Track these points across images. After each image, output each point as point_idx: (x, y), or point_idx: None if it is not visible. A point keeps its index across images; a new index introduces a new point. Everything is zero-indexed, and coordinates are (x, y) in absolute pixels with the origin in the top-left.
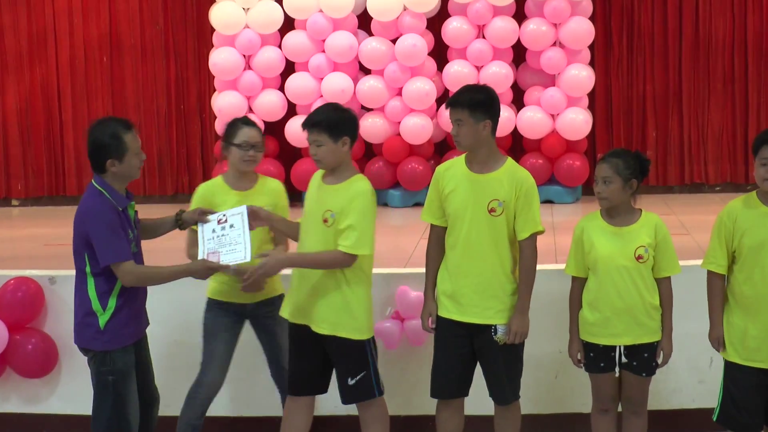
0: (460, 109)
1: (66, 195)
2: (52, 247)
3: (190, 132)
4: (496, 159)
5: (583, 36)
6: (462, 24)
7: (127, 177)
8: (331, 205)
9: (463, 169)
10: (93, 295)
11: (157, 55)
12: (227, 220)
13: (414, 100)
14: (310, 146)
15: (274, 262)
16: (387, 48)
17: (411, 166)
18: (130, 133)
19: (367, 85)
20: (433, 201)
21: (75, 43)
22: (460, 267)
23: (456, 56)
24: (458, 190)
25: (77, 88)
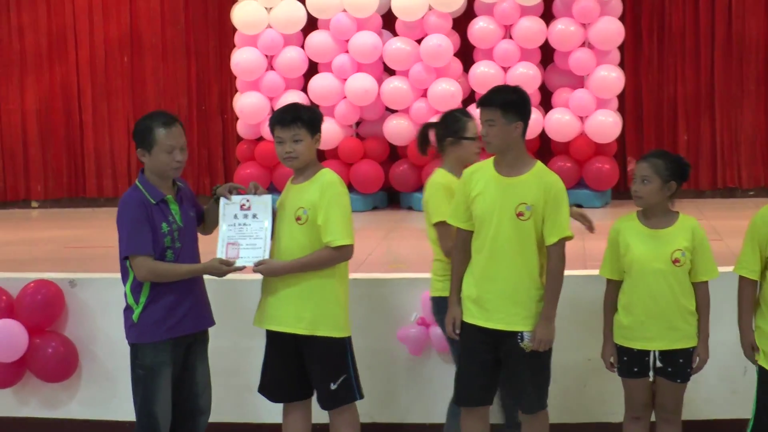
0: (493, 109)
1: (86, 196)
2: (73, 249)
3: (211, 133)
4: (525, 162)
5: (612, 36)
6: (488, 24)
7: (159, 172)
8: (303, 202)
9: (491, 172)
10: (128, 288)
11: (178, 55)
12: (251, 208)
13: (439, 102)
14: (282, 144)
15: (269, 270)
16: (412, 48)
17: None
18: (165, 129)
19: (392, 86)
20: (460, 204)
21: (95, 42)
22: (486, 272)
23: (482, 57)
24: (486, 193)
25: (97, 88)
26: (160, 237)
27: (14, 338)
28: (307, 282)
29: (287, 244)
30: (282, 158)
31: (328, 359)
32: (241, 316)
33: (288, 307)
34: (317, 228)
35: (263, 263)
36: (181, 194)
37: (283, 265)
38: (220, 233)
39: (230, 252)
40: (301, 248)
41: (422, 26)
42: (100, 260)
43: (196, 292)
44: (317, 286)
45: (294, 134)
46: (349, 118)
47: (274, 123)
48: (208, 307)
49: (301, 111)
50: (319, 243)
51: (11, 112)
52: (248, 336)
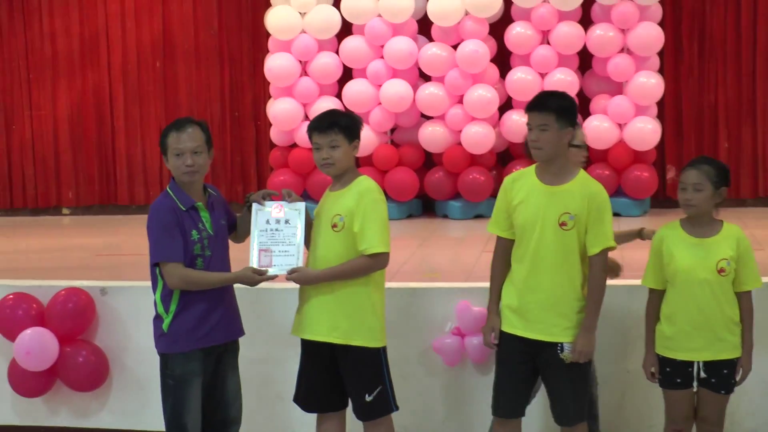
0: (547, 114)
1: (117, 204)
2: (104, 257)
3: (244, 139)
4: (569, 170)
5: (652, 42)
6: (526, 29)
7: (177, 178)
8: (339, 209)
9: (534, 180)
10: (158, 297)
11: (211, 61)
12: (283, 214)
13: (476, 108)
14: (319, 150)
15: (303, 278)
16: (448, 54)
17: (472, 176)
18: (175, 133)
19: (427, 93)
20: (501, 212)
21: (127, 47)
22: (528, 282)
23: (519, 63)
24: (528, 202)
25: (129, 93)
26: (190, 244)
27: (45, 347)
28: (342, 290)
29: (323, 252)
30: (319, 165)
31: (363, 370)
32: (272, 325)
33: (323, 316)
34: (353, 235)
35: (296, 271)
36: (212, 201)
37: (317, 274)
38: (252, 239)
39: (263, 259)
40: (338, 256)
41: (458, 31)
42: (131, 268)
43: (226, 301)
44: (353, 294)
45: (331, 140)
46: (383, 125)
47: (312, 129)
48: (238, 316)
49: (338, 117)
50: (355, 251)
51: (43, 118)
52: (280, 345)
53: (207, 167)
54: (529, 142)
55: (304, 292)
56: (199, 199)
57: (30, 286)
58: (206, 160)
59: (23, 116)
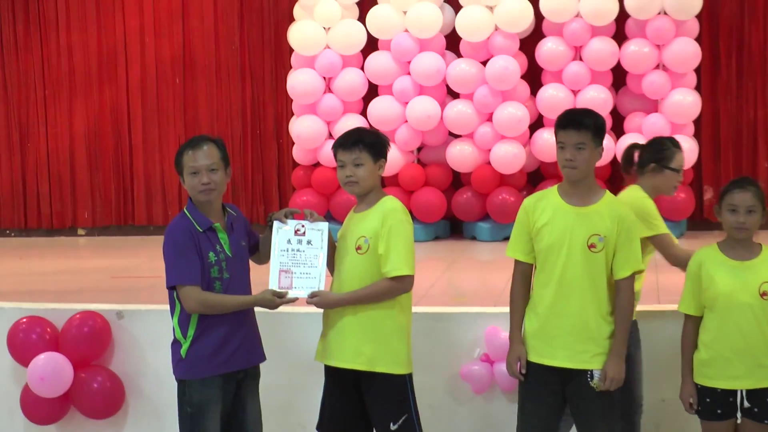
0: (585, 132)
1: (135, 224)
2: (120, 279)
3: (266, 158)
4: (596, 191)
5: (688, 58)
6: (557, 45)
7: (193, 197)
8: (364, 230)
9: (558, 201)
10: (176, 322)
11: (232, 77)
12: (305, 234)
13: (505, 127)
14: (343, 167)
15: (324, 302)
16: (477, 70)
17: (501, 197)
18: (191, 152)
19: (456, 110)
20: (521, 235)
21: (146, 63)
22: (554, 307)
23: (551, 79)
24: (554, 224)
25: (148, 110)
26: (207, 267)
27: (59, 372)
28: (366, 315)
29: (348, 275)
30: (342, 183)
31: (388, 397)
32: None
33: (347, 342)
34: (378, 258)
35: (318, 295)
36: (231, 222)
37: (339, 298)
38: (272, 259)
39: (283, 281)
40: (362, 279)
41: (488, 47)
42: (148, 291)
43: (247, 326)
44: (377, 319)
45: (355, 158)
46: (410, 144)
47: (337, 146)
48: (259, 341)
49: (364, 134)
50: (379, 274)
51: (59, 135)
52: (302, 371)
53: (224, 186)
54: (562, 161)
55: (327, 316)
56: (218, 219)
57: (44, 310)
58: (223, 178)
59: (38, 133)
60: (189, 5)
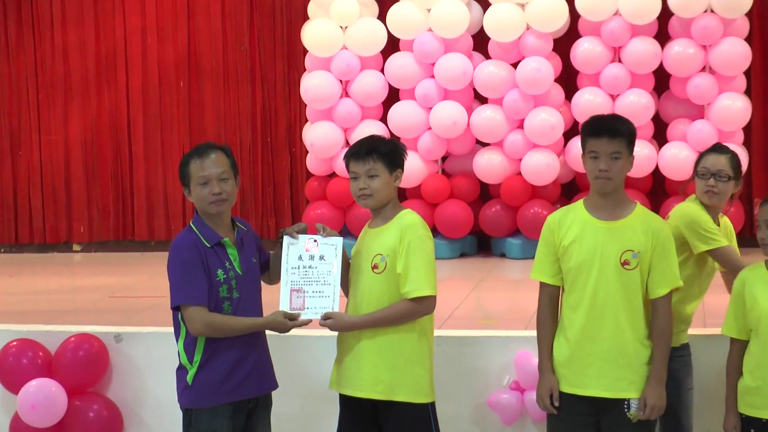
0: (620, 140)
1: (134, 239)
2: (119, 299)
3: (277, 168)
4: (626, 203)
5: (737, 60)
6: (594, 46)
7: (201, 210)
8: (380, 248)
9: (585, 216)
10: (181, 345)
11: (241, 81)
12: (318, 249)
13: (537, 134)
14: (357, 179)
15: (339, 325)
16: (507, 73)
17: (534, 210)
18: (198, 160)
19: (483, 116)
20: (546, 255)
21: (148, 66)
22: (585, 331)
23: (587, 83)
24: (583, 241)
25: (150, 117)
26: (215, 286)
27: (52, 400)
28: (384, 339)
29: (364, 296)
30: (356, 196)
31: (409, 428)
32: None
33: (363, 368)
34: (397, 277)
35: (332, 317)
36: (241, 237)
37: (354, 321)
38: (283, 278)
39: (295, 301)
40: (379, 301)
41: (519, 48)
42: (149, 312)
43: (259, 350)
44: (396, 343)
45: (369, 168)
46: (434, 153)
47: (349, 156)
48: (271, 367)
49: (378, 143)
50: (398, 294)
51: (53, 143)
52: (315, 400)
53: (235, 196)
54: (594, 172)
55: (342, 340)
56: (227, 234)
57: (36, 332)
58: (234, 188)
59: (31, 141)
60: (195, 3)
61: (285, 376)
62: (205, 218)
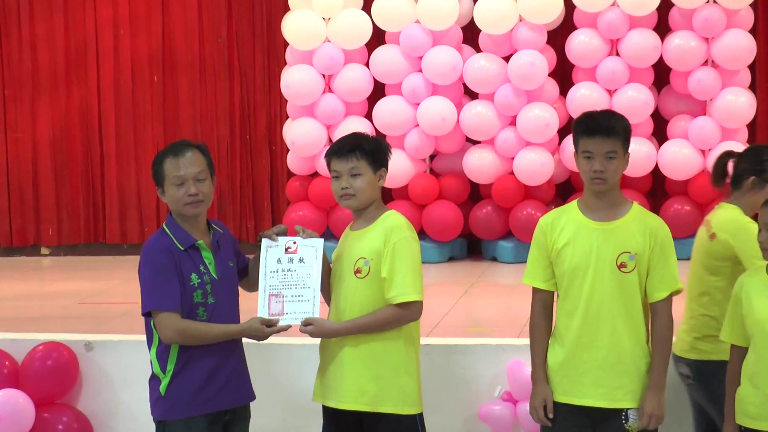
0: (615, 139)
1: (106, 242)
2: (89, 306)
3: (257, 167)
4: (622, 203)
5: (741, 53)
6: (591, 38)
7: (177, 212)
8: (363, 251)
9: (579, 217)
10: (154, 354)
11: (218, 75)
12: (297, 251)
13: (531, 132)
14: (338, 179)
15: (320, 331)
16: (498, 67)
17: (527, 212)
18: (173, 159)
19: (474, 113)
20: (538, 259)
21: (120, 59)
22: (581, 338)
23: (583, 77)
24: (577, 243)
25: (122, 113)
26: (189, 290)
27: (19, 412)
28: (369, 347)
29: (347, 302)
30: (338, 196)
31: None
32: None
33: (347, 378)
34: (381, 282)
35: (312, 323)
36: (217, 240)
37: (337, 327)
38: (261, 282)
39: (273, 306)
40: (363, 307)
41: (511, 41)
42: (121, 319)
43: (236, 359)
44: (381, 351)
45: (352, 167)
46: (422, 151)
47: (331, 154)
48: (248, 377)
49: (361, 140)
50: (382, 300)
51: (20, 142)
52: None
53: (212, 197)
54: (588, 173)
55: (325, 349)
56: (202, 236)
57: (2, 340)
58: (211, 189)
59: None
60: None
61: (265, 387)
62: (180, 220)
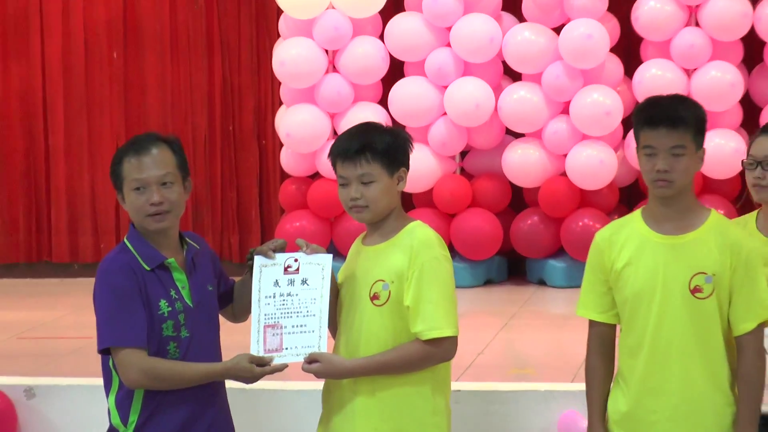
0: (684, 131)
1: (52, 261)
2: (30, 340)
3: (243, 166)
4: (697, 212)
5: None
6: (664, 4)
7: (139, 225)
8: (382, 272)
9: (643, 229)
10: (112, 402)
11: (194, 50)
12: (299, 270)
13: (588, 122)
14: (347, 186)
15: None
16: (546, 41)
17: (582, 223)
18: (134, 158)
19: (516, 98)
20: (594, 285)
21: (71, 30)
22: (647, 381)
23: (654, 54)
24: (640, 262)
25: (73, 99)
26: (158, 321)
27: None
28: (388, 393)
29: (361, 335)
30: (347, 207)
31: None
32: None
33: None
34: (403, 310)
35: (319, 359)
36: (192, 257)
37: (351, 366)
38: (253, 311)
39: (270, 340)
40: (380, 341)
41: (563, 7)
42: (72, 357)
43: (215, 409)
44: (403, 399)
45: (363, 173)
46: (450, 146)
47: (335, 155)
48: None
49: (373, 135)
50: (406, 333)
51: None
52: None
53: (183, 206)
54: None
55: (331, 394)
56: (173, 254)
57: None
58: (181, 195)
59: None
60: None
61: None
62: (144, 234)
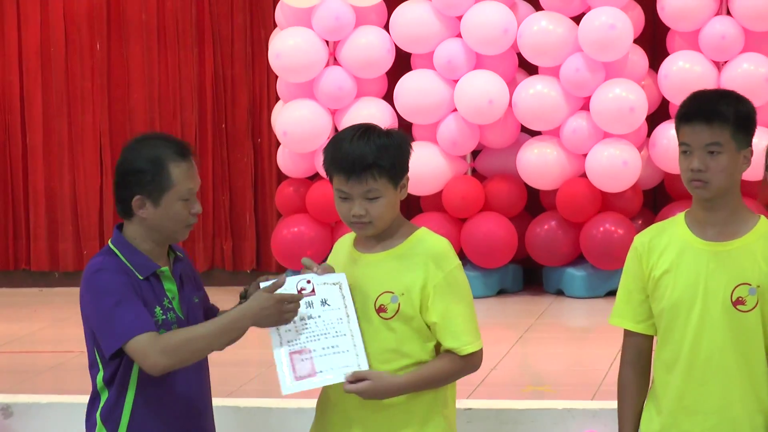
0: (722, 126)
1: (30, 269)
2: (7, 356)
3: (236, 167)
4: (744, 217)
5: None
6: None
7: (163, 233)
8: (390, 283)
9: (686, 234)
10: (98, 417)
11: (183, 41)
12: (315, 291)
13: (610, 119)
14: (347, 200)
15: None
16: (566, 31)
17: (604, 228)
18: (183, 164)
19: (532, 93)
20: (631, 293)
21: (50, 19)
22: (685, 399)
23: (681, 45)
24: (680, 269)
25: (52, 92)
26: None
27: None
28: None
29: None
30: (347, 221)
31: None
32: None
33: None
34: (408, 322)
35: (368, 377)
36: (180, 270)
37: (399, 383)
38: (273, 339)
39: (300, 367)
40: (389, 355)
41: None
42: (50, 374)
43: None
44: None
45: (368, 189)
46: (461, 145)
47: (333, 167)
48: None
49: (377, 150)
50: (410, 346)
51: None
52: None
53: None
54: (687, 173)
55: (324, 413)
56: (164, 263)
57: None
58: None
59: None
60: None
61: None
62: (141, 242)
